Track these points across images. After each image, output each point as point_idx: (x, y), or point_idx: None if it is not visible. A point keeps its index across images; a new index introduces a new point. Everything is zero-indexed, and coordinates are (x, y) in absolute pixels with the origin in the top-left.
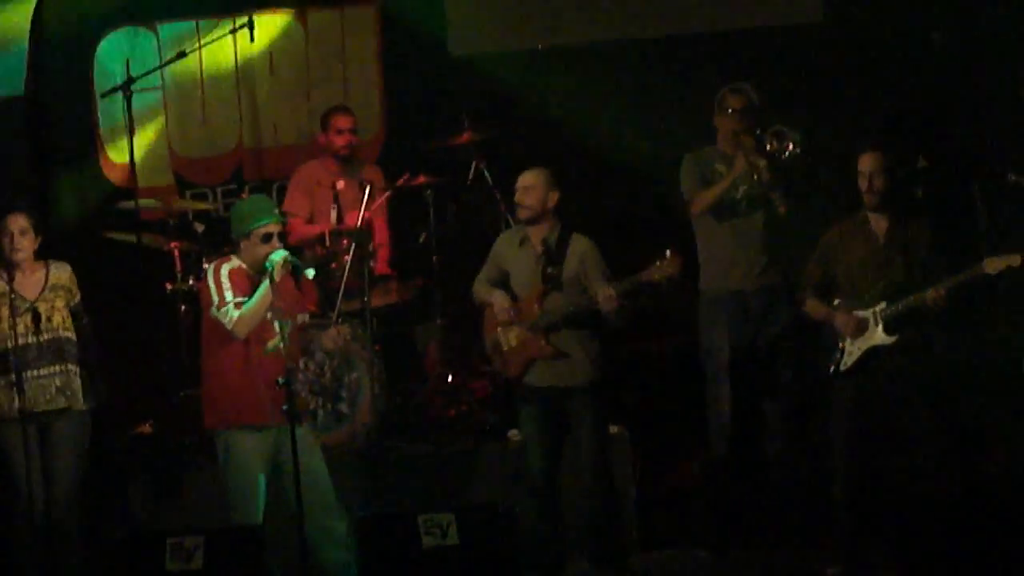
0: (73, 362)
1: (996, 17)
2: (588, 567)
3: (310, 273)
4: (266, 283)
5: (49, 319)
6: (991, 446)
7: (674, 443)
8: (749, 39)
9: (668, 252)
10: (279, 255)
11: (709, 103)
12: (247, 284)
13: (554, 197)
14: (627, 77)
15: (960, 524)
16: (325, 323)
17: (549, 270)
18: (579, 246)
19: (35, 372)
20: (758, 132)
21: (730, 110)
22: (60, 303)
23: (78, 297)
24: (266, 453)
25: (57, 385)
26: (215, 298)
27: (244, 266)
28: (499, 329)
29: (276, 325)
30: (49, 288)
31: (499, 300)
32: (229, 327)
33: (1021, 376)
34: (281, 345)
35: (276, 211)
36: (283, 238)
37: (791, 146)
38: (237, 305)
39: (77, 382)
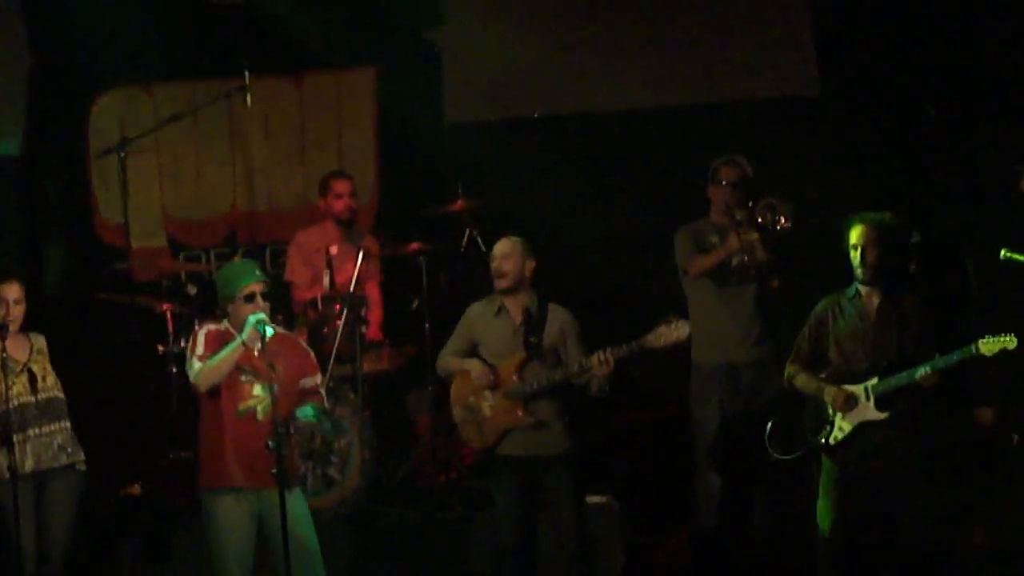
0: (67, 420)
1: (991, 92)
2: None
3: (269, 332)
4: (236, 341)
5: (44, 379)
6: (981, 523)
7: (663, 514)
8: (745, 111)
9: (674, 317)
10: (255, 317)
11: (704, 174)
12: (222, 346)
13: (531, 265)
14: (621, 147)
15: None
16: None
17: (531, 339)
18: (558, 315)
19: (36, 431)
20: (750, 205)
21: (724, 182)
22: (48, 365)
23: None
24: (245, 517)
25: (59, 443)
26: (188, 355)
27: (231, 329)
28: (472, 399)
29: (256, 388)
30: (36, 352)
31: (477, 368)
32: (192, 381)
33: (1012, 451)
34: (258, 408)
35: (258, 272)
36: (268, 298)
37: (783, 219)
38: (201, 359)
39: (75, 440)
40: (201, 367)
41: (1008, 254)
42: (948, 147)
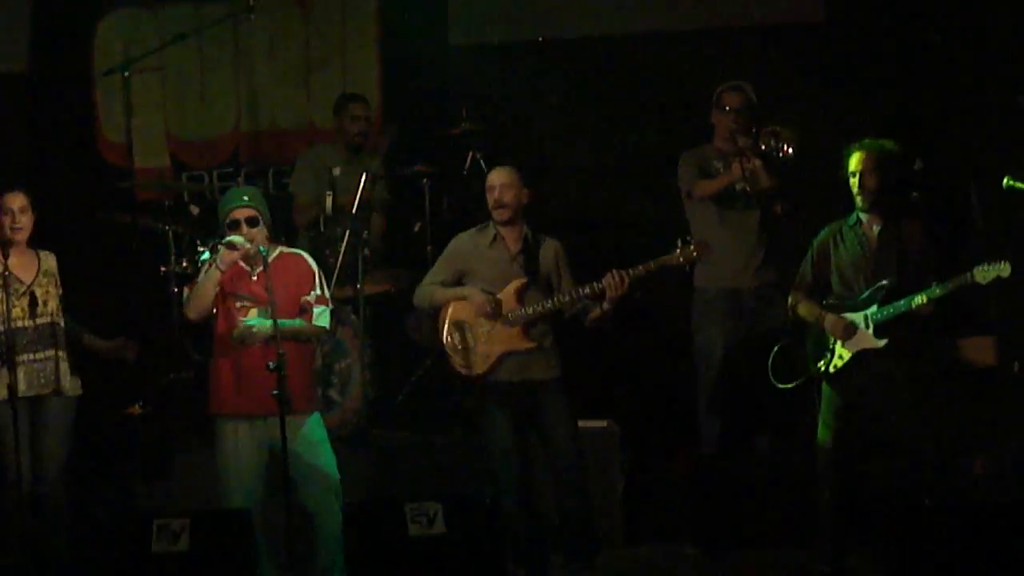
0: (63, 350)
1: (996, 19)
2: (563, 562)
3: (205, 256)
4: (212, 269)
5: (45, 303)
6: (978, 450)
7: (664, 438)
8: (749, 37)
9: (690, 238)
10: (224, 241)
11: (707, 100)
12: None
13: (526, 194)
14: (625, 72)
15: (945, 527)
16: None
17: (531, 266)
18: (550, 245)
19: (30, 355)
20: (754, 131)
21: (727, 108)
22: (53, 289)
23: (61, 291)
24: (252, 443)
25: (51, 369)
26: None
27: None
28: (467, 326)
29: (252, 313)
30: (42, 273)
31: (477, 295)
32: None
33: (1012, 380)
34: (253, 326)
35: (246, 198)
36: (253, 223)
37: (786, 146)
38: (191, 288)
39: (66, 370)
40: (185, 296)
41: (1011, 182)
42: (952, 74)
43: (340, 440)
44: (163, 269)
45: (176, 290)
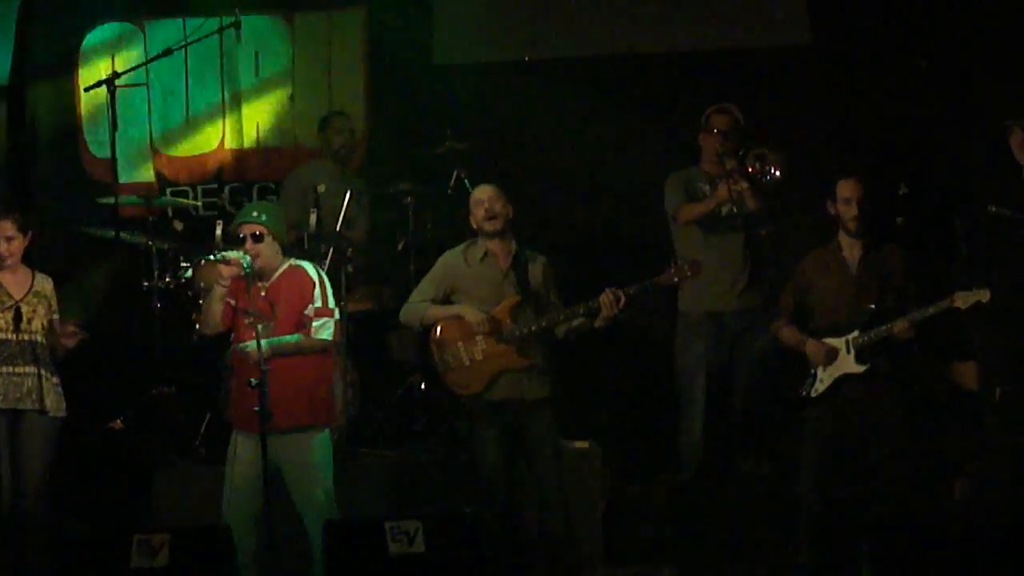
0: (46, 369)
1: (982, 45)
2: None
3: (231, 255)
4: (216, 284)
5: (30, 321)
6: (959, 475)
7: (645, 460)
8: (736, 59)
9: (678, 259)
10: (218, 256)
11: (695, 122)
12: (238, 287)
13: (510, 209)
14: (613, 93)
15: (927, 550)
16: None
17: (522, 282)
18: (538, 260)
19: (10, 368)
20: (741, 153)
21: (715, 130)
22: (41, 310)
23: (56, 315)
24: (254, 457)
25: (29, 385)
26: None
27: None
28: (462, 344)
29: (259, 328)
30: (33, 293)
31: (472, 313)
32: None
33: (994, 405)
34: (248, 347)
35: (255, 213)
36: (258, 239)
37: (773, 169)
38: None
39: (47, 388)
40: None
41: (995, 209)
42: (938, 100)
43: None
44: (146, 284)
45: (159, 305)
